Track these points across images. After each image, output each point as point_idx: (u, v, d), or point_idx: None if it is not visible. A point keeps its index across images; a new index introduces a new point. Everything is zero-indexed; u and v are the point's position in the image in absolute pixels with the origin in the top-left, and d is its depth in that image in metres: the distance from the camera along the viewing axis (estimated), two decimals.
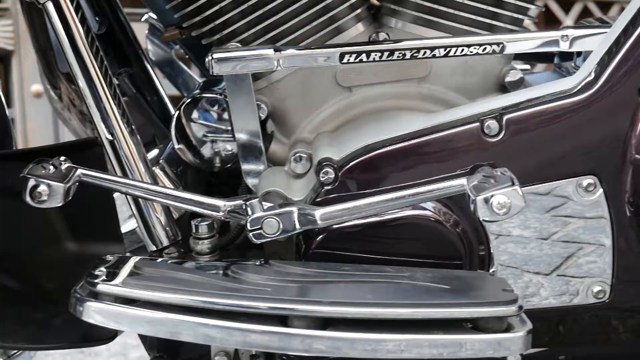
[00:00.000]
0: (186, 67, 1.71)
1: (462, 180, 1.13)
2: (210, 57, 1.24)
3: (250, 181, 1.31)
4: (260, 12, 1.30)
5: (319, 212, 1.16)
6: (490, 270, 1.22)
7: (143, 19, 1.67)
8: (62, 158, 1.19)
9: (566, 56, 1.47)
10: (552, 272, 1.23)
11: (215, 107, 1.45)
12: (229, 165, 1.40)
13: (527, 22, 1.34)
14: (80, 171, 1.17)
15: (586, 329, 1.31)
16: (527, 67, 1.58)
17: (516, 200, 1.07)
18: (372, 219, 1.20)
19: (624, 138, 1.18)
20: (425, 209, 1.20)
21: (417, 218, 1.19)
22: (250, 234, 1.17)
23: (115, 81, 1.30)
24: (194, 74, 1.72)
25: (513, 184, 1.08)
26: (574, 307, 1.25)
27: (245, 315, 1.05)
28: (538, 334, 1.32)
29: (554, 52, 1.49)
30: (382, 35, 1.32)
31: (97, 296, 1.07)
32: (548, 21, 3.66)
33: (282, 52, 1.24)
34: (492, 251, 1.22)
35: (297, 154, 1.29)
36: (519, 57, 1.56)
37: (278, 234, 1.17)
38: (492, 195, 1.08)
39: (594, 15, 3.51)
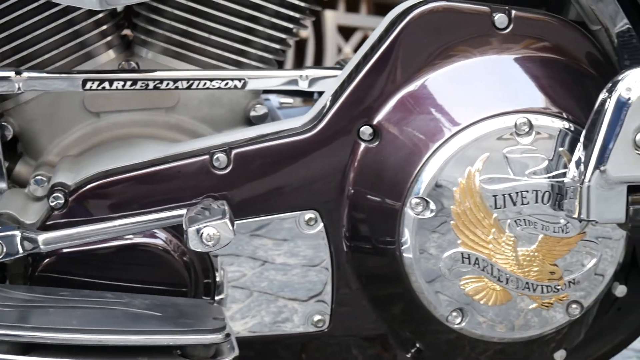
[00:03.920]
0: None
1: (182, 211, 1.17)
2: None
3: None
4: (8, 33, 1.30)
5: (41, 237, 1.18)
6: (218, 298, 1.26)
7: None
8: None
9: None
10: (280, 299, 1.28)
11: None
12: None
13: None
14: None
15: (329, 357, 1.36)
16: (290, 100, 1.64)
17: (225, 232, 1.12)
18: (102, 244, 1.22)
19: (343, 175, 1.25)
20: (156, 237, 1.23)
21: (145, 246, 1.22)
22: None
23: None
24: None
25: (223, 217, 1.12)
26: (299, 335, 1.30)
27: None
28: None
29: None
30: (132, 64, 1.35)
31: None
32: None
33: (22, 75, 1.26)
34: (220, 279, 1.26)
35: (38, 177, 1.30)
36: (284, 91, 1.62)
37: (1, 257, 1.18)
38: (204, 227, 1.12)
39: None
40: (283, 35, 1.37)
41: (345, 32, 3.63)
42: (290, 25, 1.37)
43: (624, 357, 2.05)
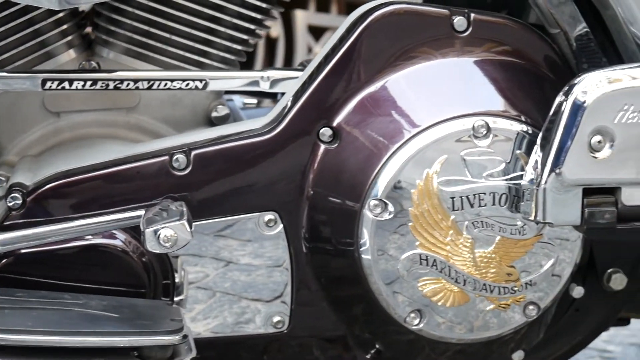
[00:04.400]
0: None
1: (140, 212, 1.16)
2: None
3: None
4: None
5: None
6: (177, 299, 1.26)
7: None
8: None
9: None
10: (240, 300, 1.28)
11: None
12: None
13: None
14: None
15: (290, 358, 1.37)
16: (254, 101, 1.64)
17: (182, 233, 1.12)
18: (60, 245, 1.22)
19: (303, 176, 1.25)
20: (115, 238, 1.23)
21: (103, 247, 1.22)
22: None
23: None
24: None
25: (181, 218, 1.12)
26: (259, 336, 1.30)
27: None
28: None
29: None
30: (92, 64, 1.35)
31: None
32: None
33: None
34: (180, 280, 1.26)
35: None
36: (247, 92, 1.62)
37: None
38: (161, 228, 1.12)
39: None
40: (245, 36, 1.37)
41: (316, 31, 3.64)
42: (252, 26, 1.37)
43: (586, 357, 2.08)
